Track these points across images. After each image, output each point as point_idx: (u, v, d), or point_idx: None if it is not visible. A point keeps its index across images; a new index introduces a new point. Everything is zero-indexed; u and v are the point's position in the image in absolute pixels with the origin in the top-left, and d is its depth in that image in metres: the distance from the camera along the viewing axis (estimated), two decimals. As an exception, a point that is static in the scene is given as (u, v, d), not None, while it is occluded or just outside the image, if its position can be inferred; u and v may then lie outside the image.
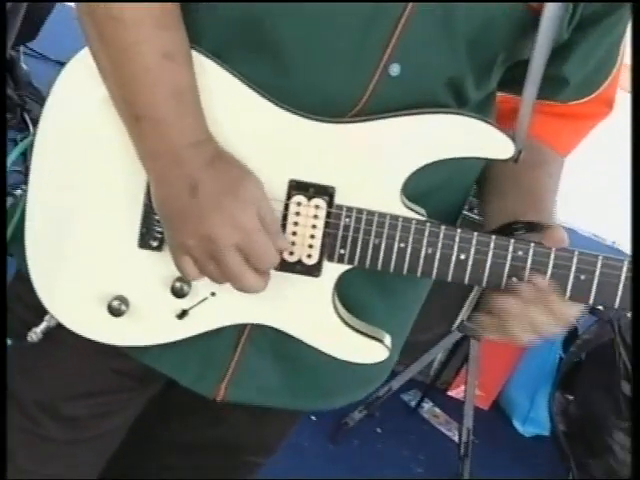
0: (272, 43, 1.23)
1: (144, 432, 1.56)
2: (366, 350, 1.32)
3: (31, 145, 1.29)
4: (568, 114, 1.46)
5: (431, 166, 1.26)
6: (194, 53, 1.23)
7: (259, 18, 1.23)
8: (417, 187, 1.30)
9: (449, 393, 3.77)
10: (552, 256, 1.25)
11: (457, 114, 1.25)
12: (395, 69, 1.24)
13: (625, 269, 1.25)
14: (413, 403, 3.60)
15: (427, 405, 3.65)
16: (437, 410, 3.67)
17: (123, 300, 1.30)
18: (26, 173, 1.28)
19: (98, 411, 1.45)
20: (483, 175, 1.45)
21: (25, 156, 1.33)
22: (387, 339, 1.34)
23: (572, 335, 3.79)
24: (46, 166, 1.29)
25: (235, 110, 1.25)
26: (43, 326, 1.36)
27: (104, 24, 1.19)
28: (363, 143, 1.26)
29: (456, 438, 3.42)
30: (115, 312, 1.30)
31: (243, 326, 1.35)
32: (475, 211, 3.02)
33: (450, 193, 1.40)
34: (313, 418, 3.25)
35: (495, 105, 1.42)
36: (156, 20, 1.19)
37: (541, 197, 1.39)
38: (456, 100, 1.30)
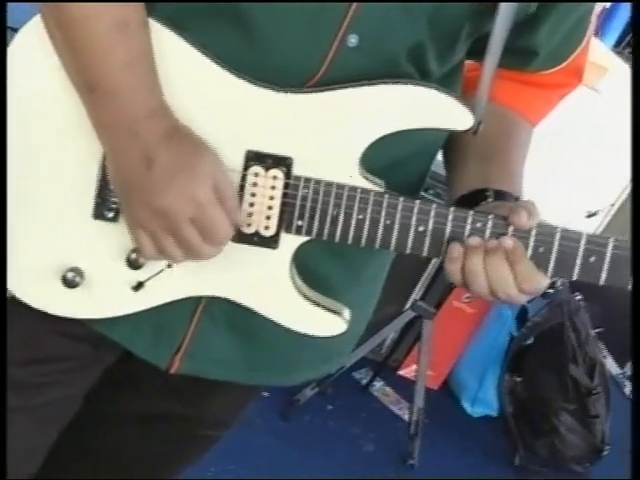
0: (232, 11, 1.20)
1: (97, 402, 1.53)
2: (323, 323, 1.30)
3: None
4: (539, 83, 1.45)
5: (391, 137, 1.24)
6: (151, 22, 1.20)
7: None
8: (378, 159, 1.29)
9: (400, 372, 3.76)
10: (510, 229, 1.24)
11: (415, 85, 1.23)
12: (353, 40, 1.22)
13: (583, 242, 1.23)
14: (364, 381, 3.59)
15: (378, 384, 3.64)
16: (388, 389, 3.66)
17: (78, 272, 1.27)
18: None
19: (48, 379, 1.41)
20: (450, 143, 1.43)
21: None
22: (346, 312, 1.32)
23: (523, 317, 3.80)
24: (11, 141, 1.25)
25: (192, 80, 1.22)
26: None
27: (52, 6, 1.15)
28: (321, 113, 1.23)
29: (406, 417, 3.43)
30: (70, 284, 1.26)
31: (199, 297, 1.32)
32: (430, 192, 3.02)
33: (412, 166, 1.38)
34: (265, 394, 3.23)
35: (461, 78, 1.40)
36: None
37: (511, 165, 1.39)
38: (418, 72, 1.28)
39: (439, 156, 1.47)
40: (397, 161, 1.33)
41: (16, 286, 1.29)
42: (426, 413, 3.32)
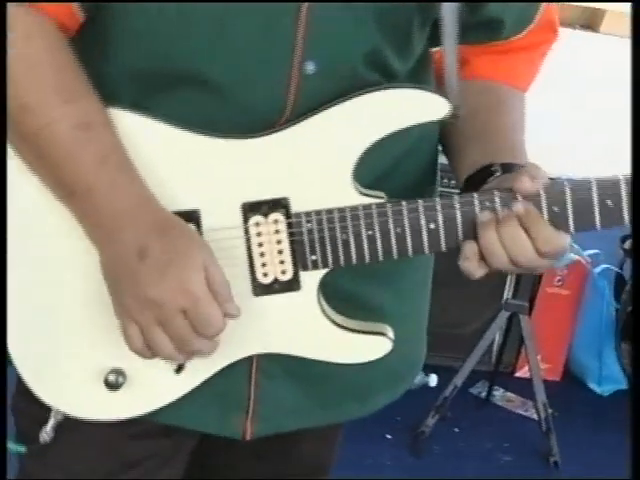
0: (187, 75, 1.21)
1: None
2: (367, 347, 1.28)
3: None
4: (516, 48, 1.42)
5: (378, 146, 1.23)
6: (113, 111, 1.20)
7: (170, 58, 1.20)
8: (374, 170, 1.28)
9: (516, 375, 3.69)
10: (519, 197, 1.20)
11: (381, 89, 1.21)
12: (310, 67, 1.21)
13: (595, 188, 1.20)
14: (483, 394, 3.52)
15: (498, 392, 3.57)
16: (509, 394, 3.59)
17: (118, 372, 1.26)
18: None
19: None
20: (444, 131, 1.41)
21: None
22: (388, 330, 1.29)
23: (620, 285, 3.71)
24: (16, 264, 1.25)
25: (168, 153, 1.22)
26: (51, 423, 1.32)
27: (15, 114, 1.17)
28: (301, 145, 1.22)
29: (536, 416, 3.34)
30: (114, 385, 1.25)
31: (249, 358, 1.30)
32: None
33: (412, 165, 1.36)
34: (388, 436, 3.20)
35: (431, 68, 1.37)
36: (60, 96, 1.17)
37: (510, 136, 1.36)
38: (383, 75, 1.26)
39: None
40: (394, 165, 1.31)
41: (63, 403, 1.29)
42: (555, 405, 3.24)
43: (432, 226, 1.23)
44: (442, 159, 1.43)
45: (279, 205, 1.23)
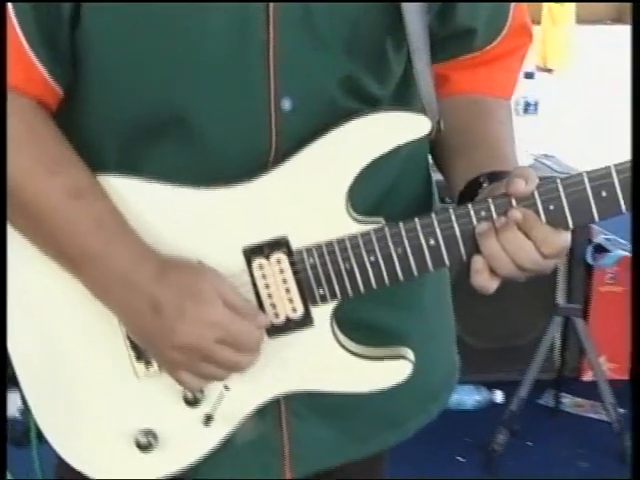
0: (171, 128, 1.23)
1: None
2: (388, 372, 1.28)
3: None
4: (492, 58, 1.42)
5: (367, 172, 1.24)
6: (103, 178, 1.23)
7: (152, 108, 1.22)
8: (369, 196, 1.28)
9: (583, 378, 3.64)
10: (513, 202, 1.20)
11: (361, 117, 1.22)
12: (287, 103, 1.23)
13: (587, 181, 1.19)
14: (551, 403, 3.47)
15: (566, 399, 3.52)
16: (578, 399, 3.54)
17: (148, 432, 1.27)
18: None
19: None
20: (433, 149, 1.41)
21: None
22: (407, 352, 1.29)
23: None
24: (24, 340, 1.28)
25: (165, 212, 1.24)
26: None
27: (9, 192, 1.20)
28: (291, 184, 1.23)
29: (607, 418, 3.29)
30: (145, 447, 1.27)
31: (276, 400, 1.31)
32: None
33: (407, 186, 1.36)
34: (461, 459, 3.16)
35: (415, 87, 1.38)
36: (46, 169, 1.20)
37: (496, 145, 1.35)
38: (363, 102, 1.26)
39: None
40: (388, 189, 1.32)
41: (94, 469, 1.30)
42: (626, 404, 3.18)
43: (432, 242, 1.23)
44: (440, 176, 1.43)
45: (279, 245, 1.24)
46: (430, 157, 1.43)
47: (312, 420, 1.34)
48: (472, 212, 1.22)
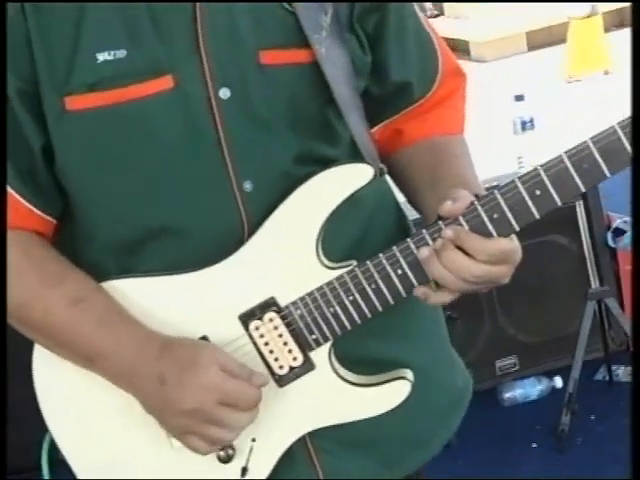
0: (157, 233, 1.23)
1: None
2: (390, 395, 1.24)
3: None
4: (435, 103, 1.38)
5: (335, 224, 1.22)
6: (105, 284, 1.23)
7: (134, 223, 1.23)
8: (342, 245, 1.26)
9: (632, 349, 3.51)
10: (460, 218, 1.16)
11: (310, 180, 1.21)
12: (247, 185, 1.22)
13: (520, 184, 1.15)
14: (607, 377, 3.34)
15: (620, 370, 3.39)
16: (630, 368, 3.41)
17: None
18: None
19: None
20: (407, 194, 1.38)
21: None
22: (405, 372, 1.25)
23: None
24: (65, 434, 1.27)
25: (164, 300, 1.24)
26: None
27: (18, 313, 1.21)
28: (266, 249, 1.23)
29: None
30: None
31: (303, 439, 1.27)
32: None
33: (379, 229, 1.32)
34: (535, 445, 3.07)
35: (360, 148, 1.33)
36: (46, 285, 1.21)
37: (456, 176, 1.30)
38: (320, 166, 1.23)
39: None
40: (361, 235, 1.29)
41: None
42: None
43: (399, 272, 1.20)
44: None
45: (269, 305, 1.22)
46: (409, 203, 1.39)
47: (341, 453, 1.30)
48: (428, 237, 1.18)
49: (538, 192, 1.14)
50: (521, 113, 3.63)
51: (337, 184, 1.20)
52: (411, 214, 1.40)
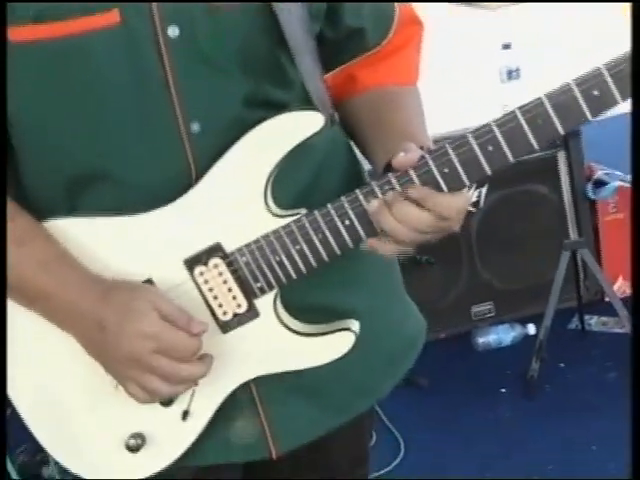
0: (100, 174, 1.18)
1: None
2: (334, 344, 1.21)
3: None
4: (389, 52, 1.32)
5: (285, 170, 1.17)
6: (51, 223, 1.19)
7: (78, 160, 1.18)
8: (292, 191, 1.22)
9: (607, 299, 3.48)
10: (411, 172, 1.12)
11: (260, 125, 1.16)
12: (195, 127, 1.17)
13: (472, 139, 1.10)
14: (579, 326, 3.32)
15: (592, 320, 3.36)
16: (604, 318, 3.38)
17: (136, 435, 1.22)
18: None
19: None
20: (356, 142, 1.33)
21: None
22: (351, 323, 1.22)
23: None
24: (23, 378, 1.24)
25: (110, 241, 1.19)
26: None
27: None
28: (214, 194, 1.18)
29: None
30: (134, 449, 1.22)
31: (247, 385, 1.24)
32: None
33: (331, 177, 1.28)
34: (502, 390, 3.06)
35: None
36: None
37: (403, 129, 1.24)
38: (271, 110, 1.18)
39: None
40: (311, 183, 1.25)
41: (86, 471, 1.25)
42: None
43: (347, 223, 1.15)
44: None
45: (214, 250, 1.18)
46: (360, 152, 1.35)
47: (285, 399, 1.28)
48: (377, 189, 1.14)
49: (490, 148, 1.10)
50: (508, 62, 3.56)
51: (287, 131, 1.15)
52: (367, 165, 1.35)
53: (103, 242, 1.19)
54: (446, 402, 3.04)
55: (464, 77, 3.41)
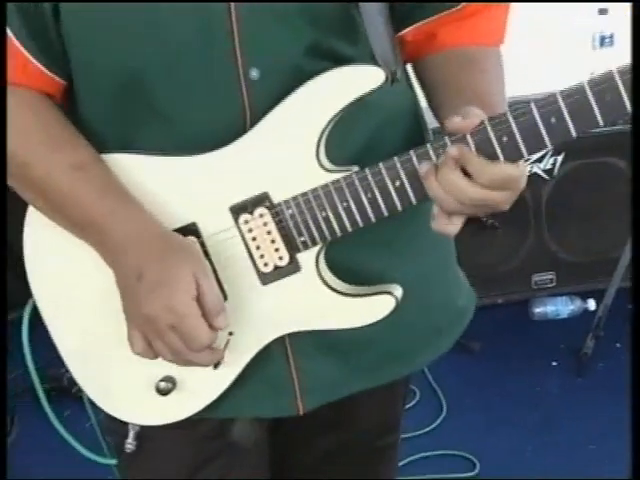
0: (155, 112, 1.15)
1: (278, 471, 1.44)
2: (372, 307, 1.17)
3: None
4: (473, 10, 1.24)
5: (344, 124, 1.13)
6: (104, 156, 1.16)
7: (128, 90, 1.15)
8: (352, 147, 1.18)
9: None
10: (468, 136, 1.06)
11: (317, 77, 1.11)
12: (254, 73, 1.13)
13: (534, 109, 1.04)
14: (639, 307, 3.22)
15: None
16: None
17: (167, 379, 1.20)
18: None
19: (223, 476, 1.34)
20: (430, 101, 1.27)
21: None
22: (394, 288, 1.18)
23: None
24: (56, 312, 1.24)
25: (161, 180, 1.17)
26: (131, 434, 1.28)
27: (17, 172, 1.16)
28: (266, 142, 1.14)
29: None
30: (165, 392, 1.20)
31: (282, 340, 1.22)
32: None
33: (394, 136, 1.22)
34: (554, 364, 2.99)
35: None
36: (49, 148, 1.15)
37: (477, 93, 1.18)
38: (335, 64, 1.12)
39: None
40: (372, 140, 1.20)
41: (125, 414, 1.25)
42: None
43: (397, 184, 1.11)
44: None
45: (261, 200, 1.15)
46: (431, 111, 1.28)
47: (318, 357, 1.25)
48: (431, 152, 1.09)
49: (553, 120, 1.03)
50: (602, 28, 3.42)
51: (345, 85, 1.10)
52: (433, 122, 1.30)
53: (153, 180, 1.16)
54: (495, 369, 2.99)
55: (555, 39, 3.29)
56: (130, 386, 1.23)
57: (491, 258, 3.15)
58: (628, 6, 3.47)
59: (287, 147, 1.13)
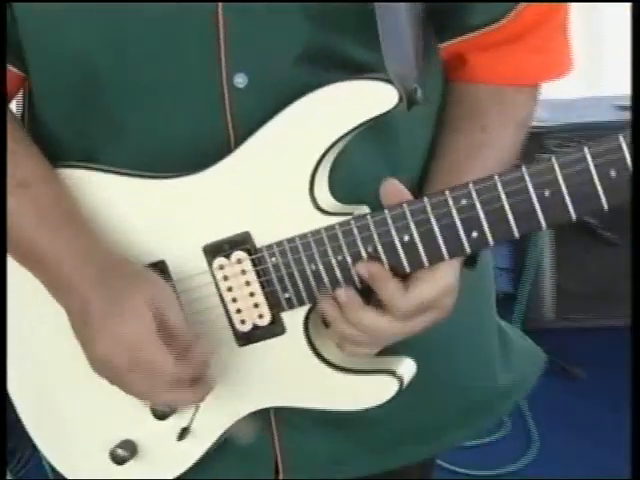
0: (104, 104, 0.93)
1: None
2: (369, 390, 0.91)
3: None
4: (519, 33, 0.95)
5: (345, 154, 0.88)
6: (62, 170, 0.95)
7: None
8: (352, 180, 0.92)
9: None
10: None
11: (316, 91, 0.86)
12: (239, 79, 0.89)
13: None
14: None
15: None
16: None
17: (125, 444, 0.97)
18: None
19: None
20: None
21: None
22: (400, 365, 0.91)
23: None
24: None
25: (125, 205, 0.94)
26: None
27: None
28: (251, 170, 0.90)
29: None
30: (122, 459, 0.97)
31: (265, 410, 0.97)
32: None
33: (408, 163, 0.97)
34: None
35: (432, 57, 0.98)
36: None
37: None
38: (344, 71, 0.88)
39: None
40: (375, 172, 0.92)
41: (75, 475, 1.02)
42: None
43: (406, 238, 0.84)
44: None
45: (241, 241, 0.90)
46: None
47: (308, 431, 0.99)
48: (450, 201, 0.82)
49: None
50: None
51: (348, 105, 0.85)
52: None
53: (118, 204, 0.94)
54: (600, 399, 2.65)
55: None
56: (83, 446, 1.01)
57: (606, 276, 2.83)
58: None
59: (277, 176, 0.89)
